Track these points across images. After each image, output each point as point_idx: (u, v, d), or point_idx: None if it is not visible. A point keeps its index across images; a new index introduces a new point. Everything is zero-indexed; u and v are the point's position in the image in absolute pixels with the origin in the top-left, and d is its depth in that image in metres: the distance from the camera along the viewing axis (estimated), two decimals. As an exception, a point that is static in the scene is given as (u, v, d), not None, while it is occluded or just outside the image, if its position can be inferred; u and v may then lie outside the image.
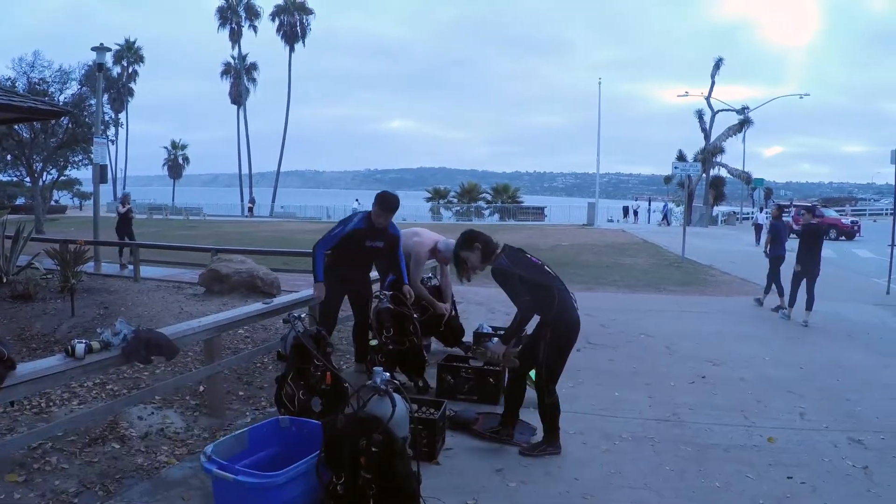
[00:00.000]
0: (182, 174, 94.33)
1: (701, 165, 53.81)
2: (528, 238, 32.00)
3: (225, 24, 78.83)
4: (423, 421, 5.86)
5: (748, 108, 58.14)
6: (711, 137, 58.22)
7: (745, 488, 5.50)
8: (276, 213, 73.57)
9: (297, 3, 78.85)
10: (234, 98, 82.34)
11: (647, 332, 11.22)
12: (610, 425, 6.89)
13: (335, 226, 7.35)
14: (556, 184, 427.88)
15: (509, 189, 71.65)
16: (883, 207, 71.98)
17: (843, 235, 40.20)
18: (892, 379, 8.97)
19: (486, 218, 65.07)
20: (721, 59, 57.87)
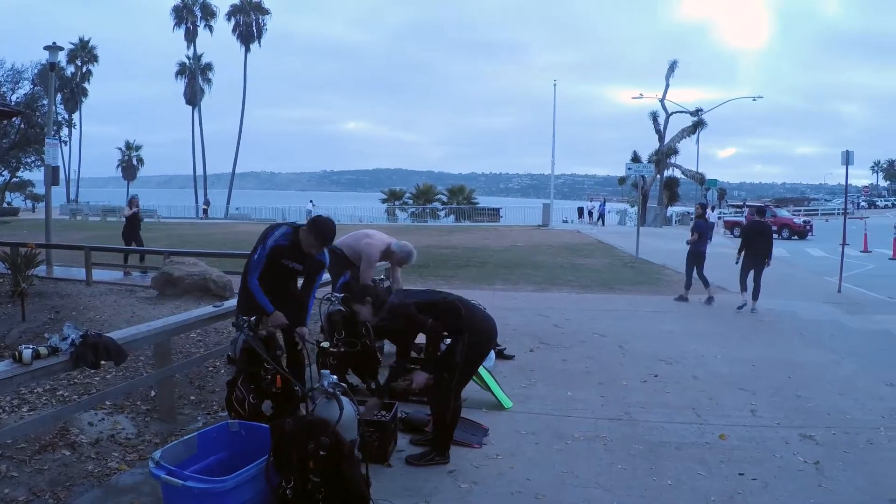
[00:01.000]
0: (136, 176, 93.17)
1: (655, 166, 54.43)
2: (483, 239, 32.05)
3: (181, 24, 77.88)
4: (374, 423, 5.84)
5: (702, 110, 59.01)
6: (666, 139, 59.01)
7: (696, 485, 5.55)
8: (231, 215, 72.98)
9: (253, 2, 78.23)
10: (189, 99, 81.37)
11: (600, 332, 11.26)
12: (562, 425, 6.90)
13: (256, 246, 6.20)
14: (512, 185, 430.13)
15: (465, 190, 71.88)
16: (835, 207, 73.36)
17: (796, 235, 40.79)
18: (843, 375, 9.11)
19: (441, 219, 65.18)
20: (675, 62, 58.73)
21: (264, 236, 6.18)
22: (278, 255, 6.11)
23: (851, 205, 78.46)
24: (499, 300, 13.97)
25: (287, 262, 6.21)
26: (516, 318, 12.21)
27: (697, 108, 58.91)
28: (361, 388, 7.50)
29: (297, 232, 6.18)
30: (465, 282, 16.86)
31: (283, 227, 6.25)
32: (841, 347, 10.77)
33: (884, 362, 9.88)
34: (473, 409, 6.98)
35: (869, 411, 7.58)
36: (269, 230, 6.25)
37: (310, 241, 6.13)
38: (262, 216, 70.01)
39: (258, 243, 6.15)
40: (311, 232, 6.09)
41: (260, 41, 79.39)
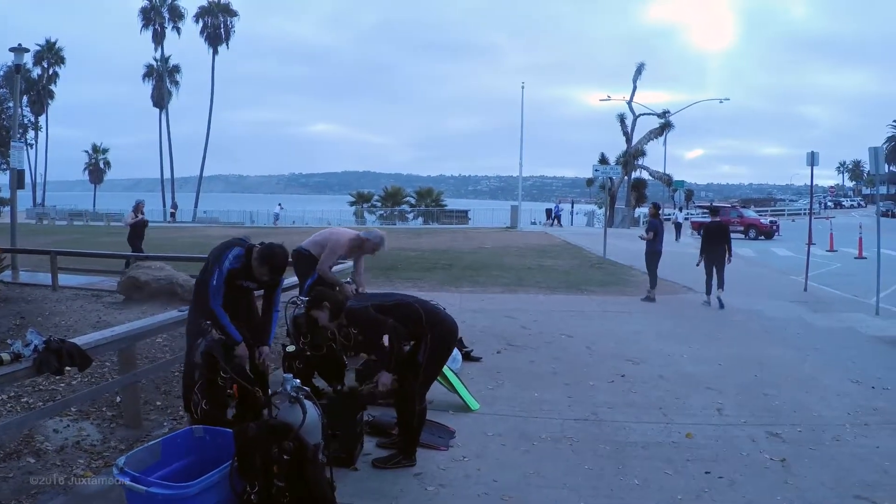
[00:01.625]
0: (103, 179, 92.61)
1: (622, 168, 54.86)
2: (451, 241, 32.08)
3: (148, 26, 77.35)
4: (340, 427, 5.79)
5: (669, 112, 59.65)
6: (633, 141, 59.53)
7: (663, 484, 5.57)
8: (199, 218, 72.53)
9: (221, 4, 77.94)
10: (156, 101, 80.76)
11: (567, 333, 11.28)
12: (529, 426, 6.91)
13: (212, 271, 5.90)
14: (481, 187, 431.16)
15: (433, 192, 72.03)
16: (801, 207, 74.15)
17: (763, 235, 41.18)
18: (809, 373, 9.21)
19: (409, 221, 65.21)
20: (643, 65, 59.41)
21: (218, 258, 5.93)
22: (233, 277, 5.94)
23: (818, 205, 79.43)
24: (466, 302, 13.98)
25: (241, 282, 6.06)
26: (483, 319, 12.21)
27: (665, 110, 59.63)
28: (328, 392, 7.45)
29: (249, 253, 5.96)
30: (433, 284, 16.84)
31: (236, 249, 5.98)
32: (807, 345, 10.88)
33: (849, 359, 9.99)
34: (440, 412, 6.97)
35: (835, 408, 7.66)
36: (223, 251, 5.99)
37: (261, 271, 5.94)
38: (230, 219, 69.78)
39: (213, 265, 5.90)
40: (262, 263, 5.88)
41: (228, 43, 79.26)
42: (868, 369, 9.41)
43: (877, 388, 8.50)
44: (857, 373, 9.19)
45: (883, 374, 9.14)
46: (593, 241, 29.82)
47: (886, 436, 6.83)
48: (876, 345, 11.18)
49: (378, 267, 18.87)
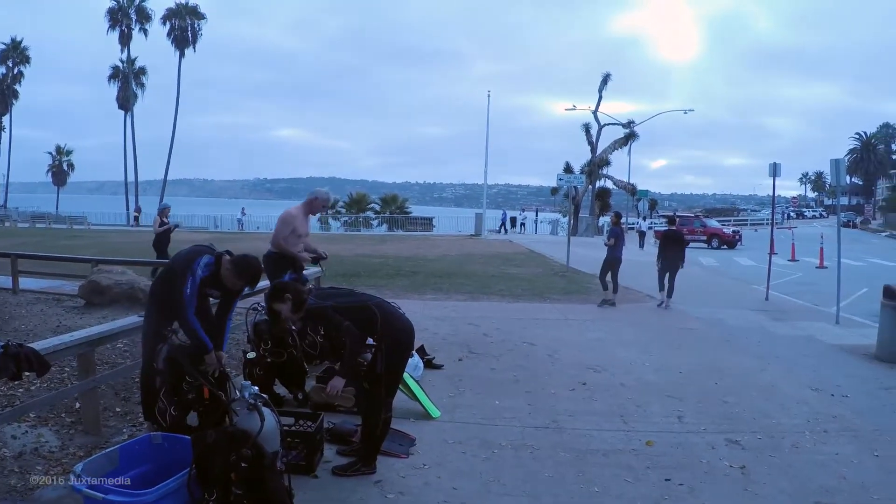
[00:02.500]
0: (67, 181, 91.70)
1: (587, 177, 55.16)
2: (415, 248, 32.06)
3: (115, 27, 76.53)
4: (300, 434, 5.80)
5: (634, 122, 60.21)
6: (598, 150, 59.91)
7: (623, 492, 5.59)
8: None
9: (188, 6, 77.43)
10: (121, 103, 79.98)
11: (529, 341, 11.29)
12: (490, 434, 6.90)
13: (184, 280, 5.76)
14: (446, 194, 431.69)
15: (398, 199, 71.97)
16: (764, 217, 75.14)
17: (725, 244, 41.61)
18: (769, 381, 9.30)
19: (374, 228, 65.15)
20: (609, 75, 59.95)
21: (190, 266, 5.80)
22: (201, 285, 5.88)
23: (781, 215, 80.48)
24: (429, 310, 13.96)
25: (206, 290, 6.02)
26: (446, 327, 12.20)
27: (629, 120, 60.22)
28: (289, 399, 7.41)
29: (219, 262, 5.90)
30: (397, 291, 16.79)
31: (206, 257, 5.89)
32: (767, 354, 11.00)
33: (808, 367, 10.12)
34: (401, 419, 6.92)
35: (794, 415, 7.74)
36: (193, 259, 5.87)
37: (235, 282, 5.89)
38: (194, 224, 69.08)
39: (185, 273, 5.76)
40: (238, 275, 5.84)
41: (195, 46, 78.75)
42: (828, 377, 9.53)
43: (836, 396, 8.61)
44: (817, 381, 9.30)
45: (842, 382, 9.26)
46: (557, 249, 29.95)
47: (845, 442, 6.92)
48: (836, 353, 11.31)
49: (342, 274, 18.83)
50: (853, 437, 7.12)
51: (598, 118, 59.71)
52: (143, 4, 77.35)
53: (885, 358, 10.71)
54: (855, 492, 5.73)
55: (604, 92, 59.60)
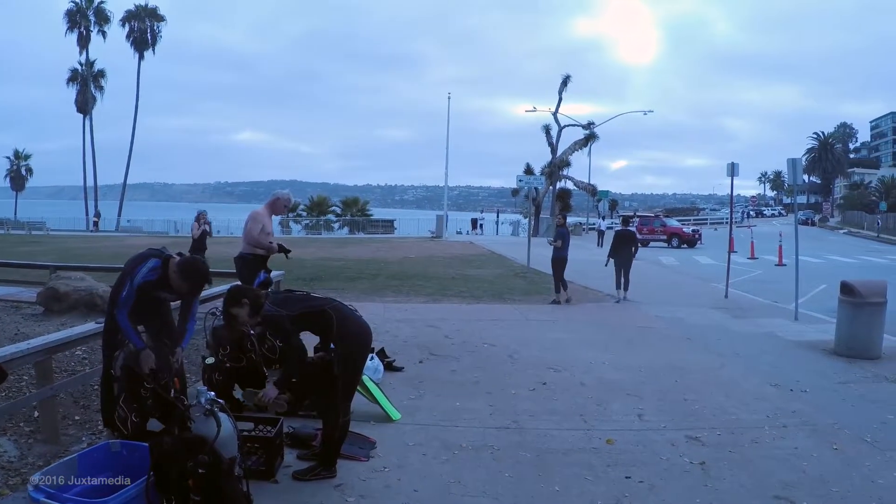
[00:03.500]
0: (25, 186, 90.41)
1: (547, 178, 55.48)
2: (376, 251, 32.01)
3: (73, 28, 75.30)
4: (259, 439, 5.76)
5: (594, 123, 60.69)
6: (558, 151, 60.23)
7: (583, 490, 5.60)
8: (123, 228, 71.05)
9: (148, 8, 76.55)
10: (80, 106, 78.57)
11: (490, 342, 11.30)
12: (450, 435, 6.89)
13: (123, 284, 5.83)
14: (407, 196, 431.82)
15: (359, 202, 71.98)
16: (724, 216, 75.97)
17: (685, 243, 42.07)
18: (729, 378, 9.39)
19: (335, 231, 65.00)
20: (568, 77, 60.30)
21: (131, 270, 5.81)
22: (147, 289, 5.83)
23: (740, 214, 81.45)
24: (390, 312, 13.94)
25: (157, 293, 5.96)
26: (407, 329, 12.18)
27: (589, 122, 60.70)
28: (248, 405, 7.35)
29: (166, 264, 5.84)
30: (357, 294, 16.74)
31: (151, 261, 5.85)
32: (727, 351, 11.11)
33: (768, 364, 10.24)
34: (361, 422, 6.91)
35: (753, 411, 7.82)
36: (136, 264, 5.85)
37: (181, 286, 5.86)
38: (154, 229, 68.71)
39: (125, 276, 5.82)
40: (183, 278, 5.80)
41: (154, 48, 77.81)
42: (787, 373, 9.64)
43: (795, 391, 8.72)
44: (777, 377, 9.40)
45: (801, 378, 9.38)
46: (518, 250, 30.05)
47: (804, 437, 7.00)
48: (795, 349, 11.45)
49: (302, 277, 18.75)
50: (812, 431, 7.21)
51: (558, 120, 60.18)
52: (102, 6, 76.38)
53: (843, 353, 10.87)
54: (814, 485, 5.79)
55: (564, 94, 60.05)
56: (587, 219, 67.32)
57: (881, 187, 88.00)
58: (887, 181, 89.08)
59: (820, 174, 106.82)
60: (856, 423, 7.50)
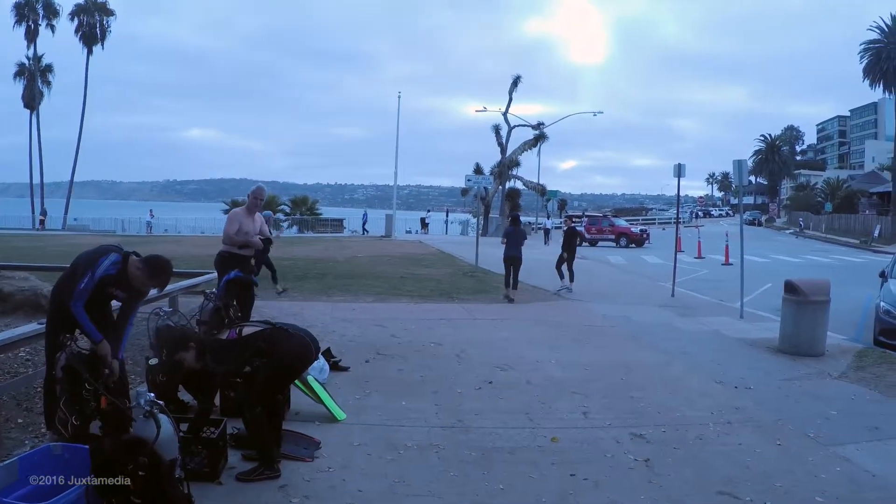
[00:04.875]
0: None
1: (496, 178, 55.68)
2: (325, 250, 31.81)
3: (21, 22, 73.43)
4: (202, 441, 5.69)
5: (543, 123, 61.04)
6: (508, 151, 60.47)
7: (528, 488, 5.62)
8: (70, 226, 69.54)
9: (97, 3, 75.05)
10: (27, 102, 76.76)
11: (437, 341, 11.29)
12: (396, 435, 6.87)
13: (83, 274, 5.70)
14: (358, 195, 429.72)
15: (308, 201, 71.47)
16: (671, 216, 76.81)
17: (633, 243, 42.52)
18: (675, 375, 9.51)
19: (284, 231, 64.46)
20: (519, 77, 60.59)
21: (92, 262, 5.72)
22: (104, 284, 5.77)
23: (689, 214, 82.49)
24: (337, 312, 13.87)
25: (111, 290, 5.90)
26: (354, 329, 12.11)
27: (539, 122, 61.08)
28: (193, 406, 7.26)
29: (126, 261, 5.78)
30: (305, 294, 16.64)
31: (113, 256, 5.79)
32: (673, 349, 11.23)
33: (713, 361, 10.38)
34: (307, 423, 6.89)
35: (698, 408, 7.91)
36: (98, 256, 5.78)
37: (145, 282, 5.83)
38: (101, 227, 67.52)
39: (86, 268, 5.69)
40: (152, 276, 5.81)
41: (103, 43, 76.35)
42: (732, 370, 9.79)
43: (740, 388, 8.85)
44: (722, 374, 9.53)
45: (746, 375, 9.52)
46: (467, 249, 30.10)
47: (748, 433, 7.11)
48: (740, 347, 11.63)
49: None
50: (756, 427, 7.32)
51: (508, 120, 60.38)
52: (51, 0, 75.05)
53: (787, 350, 11.05)
54: (758, 480, 5.88)
55: (514, 94, 60.31)
56: (536, 218, 67.73)
57: (827, 188, 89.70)
58: (833, 183, 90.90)
59: (767, 175, 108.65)
60: (799, 418, 7.64)
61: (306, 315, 12.49)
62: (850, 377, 9.66)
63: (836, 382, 9.40)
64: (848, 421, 7.62)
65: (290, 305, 13.55)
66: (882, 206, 67.83)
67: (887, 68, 61.07)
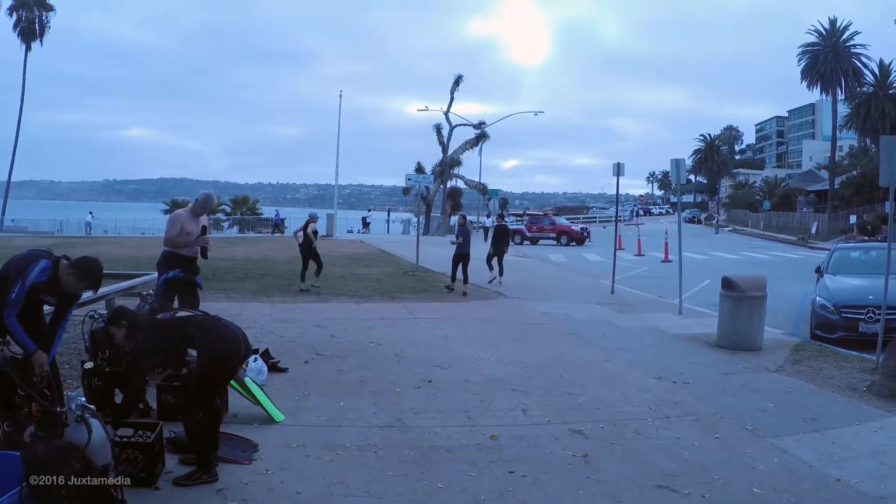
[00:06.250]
0: None
1: (438, 177, 55.79)
2: (266, 250, 31.52)
3: None
4: (138, 445, 5.60)
5: (485, 122, 61.49)
6: (449, 150, 60.58)
7: (466, 486, 5.62)
8: (7, 227, 67.91)
9: (37, -3, 73.56)
10: (-38, 100, 75.24)
11: (376, 341, 11.24)
12: (334, 436, 6.83)
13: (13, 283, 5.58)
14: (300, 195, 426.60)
15: (249, 200, 70.89)
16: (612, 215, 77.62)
17: (574, 241, 42.90)
18: (614, 371, 9.60)
19: (225, 230, 63.79)
20: (460, 77, 60.87)
21: (22, 270, 5.60)
22: (36, 291, 5.67)
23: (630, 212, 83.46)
24: (277, 312, 13.74)
25: (43, 296, 5.83)
26: (293, 330, 12.01)
27: (480, 121, 61.50)
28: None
29: (56, 266, 5.70)
30: (245, 295, 16.46)
31: (42, 262, 5.71)
32: (612, 345, 11.34)
33: (651, 357, 10.52)
34: (245, 425, 6.83)
35: (637, 403, 8.00)
36: (27, 263, 5.67)
37: (77, 285, 5.73)
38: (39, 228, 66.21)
39: (16, 276, 5.57)
40: (82, 278, 5.71)
41: (42, 39, 74.79)
42: (670, 365, 9.91)
43: (678, 383, 8.97)
44: (660, 369, 9.65)
45: (684, 370, 9.66)
46: (408, 248, 30.05)
47: (686, 427, 7.21)
48: (678, 342, 11.80)
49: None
50: (694, 421, 7.42)
51: (449, 119, 60.55)
52: (-10, -5, 73.18)
53: (724, 345, 11.24)
54: (696, 473, 5.97)
55: (456, 93, 60.55)
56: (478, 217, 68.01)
57: (765, 187, 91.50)
58: (771, 181, 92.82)
59: (706, 174, 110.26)
60: (737, 412, 7.77)
61: (245, 316, 12.35)
62: (788, 370, 9.86)
63: (773, 376, 9.58)
64: (785, 413, 7.78)
65: (230, 307, 13.38)
66: (819, 204, 69.54)
67: (824, 71, 62.54)
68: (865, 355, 10.60)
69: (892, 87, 58.51)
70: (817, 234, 53.74)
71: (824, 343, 11.79)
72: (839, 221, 55.73)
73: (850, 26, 63.42)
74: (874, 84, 59.80)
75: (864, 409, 7.98)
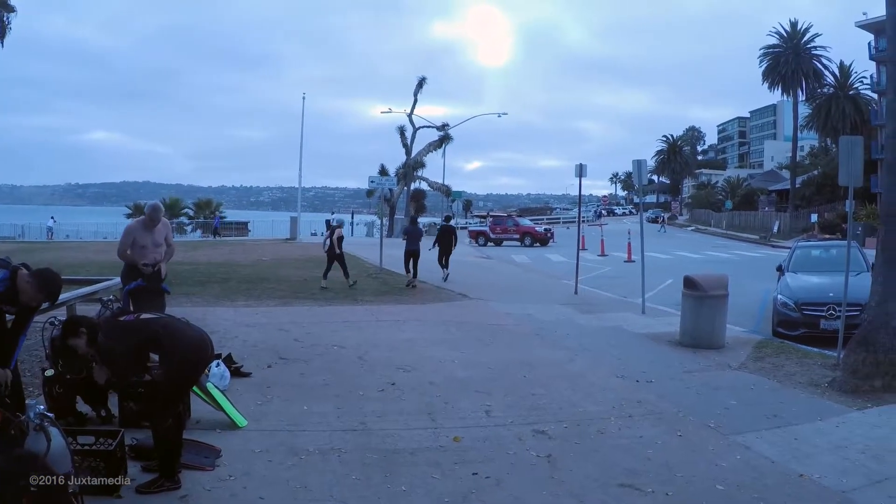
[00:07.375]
0: None
1: (401, 179, 55.85)
2: (229, 254, 31.37)
3: None
4: (100, 453, 5.53)
5: (448, 124, 61.64)
6: (413, 152, 60.61)
7: (430, 489, 5.62)
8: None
9: (-4, -3, 72.54)
10: (-75, 103, 73.98)
11: (340, 344, 11.20)
12: (297, 440, 6.79)
13: None
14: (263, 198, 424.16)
15: (212, 204, 70.60)
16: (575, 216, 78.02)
17: (538, 242, 43.07)
18: (577, 371, 9.64)
19: (188, 234, 63.32)
20: (424, 79, 60.94)
21: None
22: None
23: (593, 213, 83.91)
24: (240, 317, 13.65)
25: (1, 306, 5.71)
26: (256, 334, 11.93)
27: (444, 123, 61.77)
28: (92, 417, 7.06)
29: (14, 276, 5.56)
30: (207, 299, 16.31)
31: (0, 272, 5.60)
32: (575, 345, 11.39)
33: (615, 357, 10.56)
34: (206, 431, 6.77)
35: (600, 403, 8.04)
36: None
37: (35, 296, 5.60)
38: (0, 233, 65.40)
39: None
40: (41, 289, 5.58)
41: (3, 41, 73.77)
42: (633, 365, 9.98)
43: (641, 382, 9.03)
44: (623, 368, 9.72)
45: (647, 369, 9.73)
46: (372, 251, 30.00)
47: (649, 425, 7.26)
48: (641, 341, 11.88)
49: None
50: (657, 419, 7.48)
51: (413, 121, 60.57)
52: (-47, -5, 72.03)
53: (687, 343, 11.34)
54: (659, 471, 6.01)
55: (420, 96, 60.59)
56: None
57: (727, 187, 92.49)
58: (733, 181, 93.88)
59: (669, 175, 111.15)
60: (700, 409, 7.84)
61: (209, 320, 12.23)
62: (750, 368, 9.97)
63: (735, 373, 9.67)
64: (747, 410, 7.86)
65: (193, 311, 13.25)
66: (780, 204, 70.35)
67: (785, 72, 63.24)
68: (826, 352, 10.75)
69: (852, 88, 59.42)
70: (779, 233, 54.41)
71: (786, 340, 11.94)
72: (801, 220, 56.50)
73: (810, 28, 64.28)
74: (834, 85, 60.66)
75: (826, 405, 8.08)
